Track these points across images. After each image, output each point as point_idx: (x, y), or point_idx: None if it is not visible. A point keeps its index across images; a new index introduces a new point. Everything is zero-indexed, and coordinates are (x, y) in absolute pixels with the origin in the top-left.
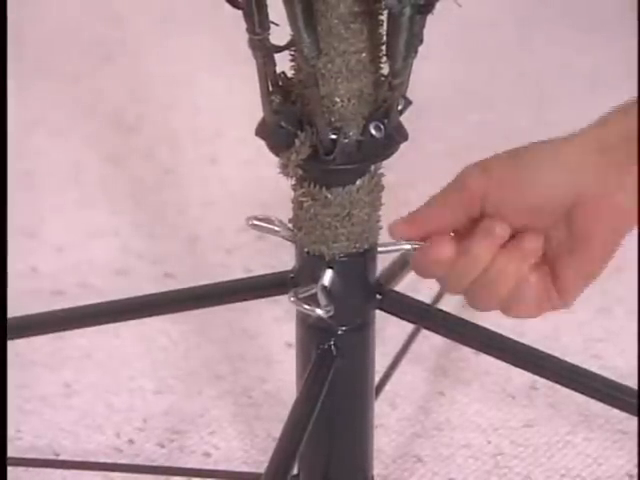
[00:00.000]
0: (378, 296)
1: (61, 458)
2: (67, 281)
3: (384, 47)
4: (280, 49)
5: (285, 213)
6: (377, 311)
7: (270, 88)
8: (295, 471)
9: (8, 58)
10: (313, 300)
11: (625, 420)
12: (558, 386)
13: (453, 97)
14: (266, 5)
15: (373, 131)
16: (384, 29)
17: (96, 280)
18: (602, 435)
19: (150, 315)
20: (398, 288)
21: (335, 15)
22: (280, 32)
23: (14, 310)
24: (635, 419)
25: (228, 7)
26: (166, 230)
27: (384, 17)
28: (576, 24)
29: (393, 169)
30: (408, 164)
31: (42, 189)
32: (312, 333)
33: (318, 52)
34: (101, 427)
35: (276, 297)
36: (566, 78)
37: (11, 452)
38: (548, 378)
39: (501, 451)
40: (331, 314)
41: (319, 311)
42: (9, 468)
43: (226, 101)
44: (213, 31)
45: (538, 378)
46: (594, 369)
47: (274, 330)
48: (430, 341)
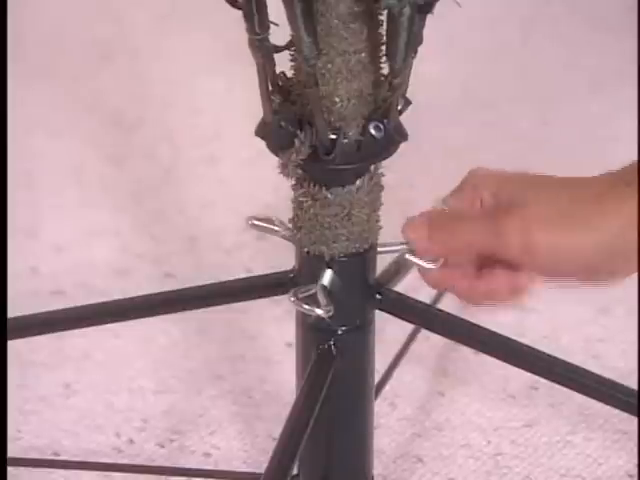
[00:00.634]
0: (378, 296)
1: (61, 458)
2: (67, 281)
3: (384, 47)
4: (280, 49)
5: (285, 213)
6: (377, 311)
7: (270, 88)
8: (295, 471)
9: (8, 58)
10: (313, 300)
11: (625, 420)
12: (558, 386)
13: (453, 97)
14: (266, 5)
15: (373, 131)
16: (384, 29)
17: (96, 280)
18: (602, 435)
19: (150, 315)
20: (398, 288)
21: (335, 15)
22: (280, 32)
23: (14, 310)
24: (635, 419)
25: (228, 7)
26: (166, 230)
27: (384, 17)
28: (578, 24)
29: (393, 169)
30: (408, 164)
31: (42, 189)
32: (312, 333)
33: (318, 52)
34: (101, 427)
35: (276, 297)
36: (568, 78)
37: (11, 452)
38: (548, 378)
39: (501, 451)
40: (331, 314)
41: (319, 311)
42: (9, 468)
43: (226, 101)
44: (213, 31)
45: (538, 378)
46: (594, 369)
47: (274, 330)
48: (430, 341)
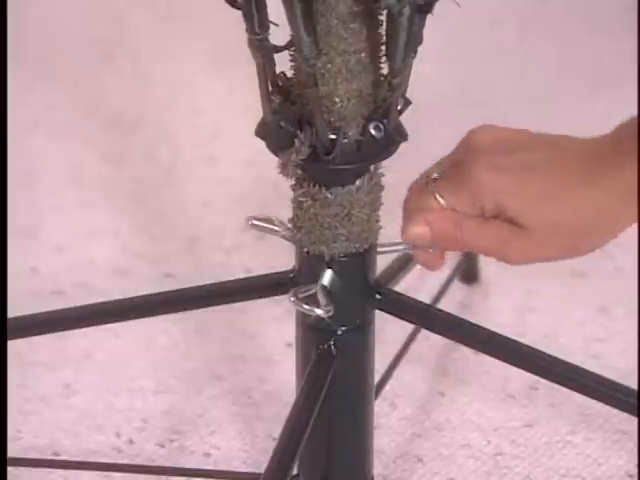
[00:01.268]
0: (378, 296)
1: (61, 458)
2: (67, 281)
3: (384, 47)
4: (280, 49)
5: (285, 213)
6: (377, 311)
7: (270, 88)
8: (295, 471)
9: (8, 58)
10: (313, 300)
11: (625, 420)
12: (558, 386)
13: (453, 97)
14: (266, 5)
15: (373, 131)
16: (383, 29)
17: (96, 280)
18: (602, 435)
19: (150, 315)
20: (398, 288)
21: (334, 15)
22: (280, 32)
23: (14, 310)
24: (635, 419)
25: (228, 7)
26: (166, 230)
27: (383, 17)
28: (576, 24)
29: (393, 169)
30: (408, 164)
31: (42, 189)
32: (312, 333)
33: (317, 52)
34: (101, 427)
35: (276, 297)
36: (566, 78)
37: (11, 452)
38: (548, 378)
39: (501, 451)
40: (331, 314)
41: (319, 311)
42: (9, 468)
43: (226, 101)
44: (213, 31)
45: (538, 378)
46: (594, 369)
47: (274, 330)
48: (430, 341)
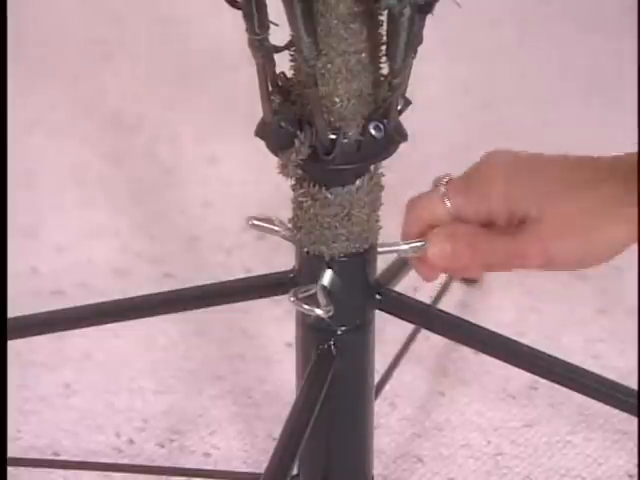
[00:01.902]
0: (378, 296)
1: (61, 458)
2: (67, 281)
3: (384, 47)
4: (280, 49)
5: (285, 213)
6: (377, 311)
7: (270, 88)
8: (295, 471)
9: (8, 58)
10: (313, 300)
11: (625, 420)
12: (558, 386)
13: (453, 97)
14: (266, 5)
15: (373, 131)
16: (384, 29)
17: (96, 280)
18: (602, 435)
19: (150, 315)
20: (398, 288)
21: (335, 15)
22: (280, 32)
23: (14, 310)
24: (635, 419)
25: (228, 8)
26: (166, 230)
27: (384, 17)
28: (576, 24)
29: (393, 169)
30: (408, 164)
31: (42, 189)
32: (312, 333)
33: (317, 52)
34: (101, 427)
35: (276, 297)
36: (566, 78)
37: (11, 452)
38: (548, 378)
39: (501, 451)
40: (331, 314)
41: (319, 311)
42: (9, 468)
43: (226, 101)
44: (213, 31)
45: (538, 378)
46: (594, 369)
47: (274, 330)
48: (430, 341)
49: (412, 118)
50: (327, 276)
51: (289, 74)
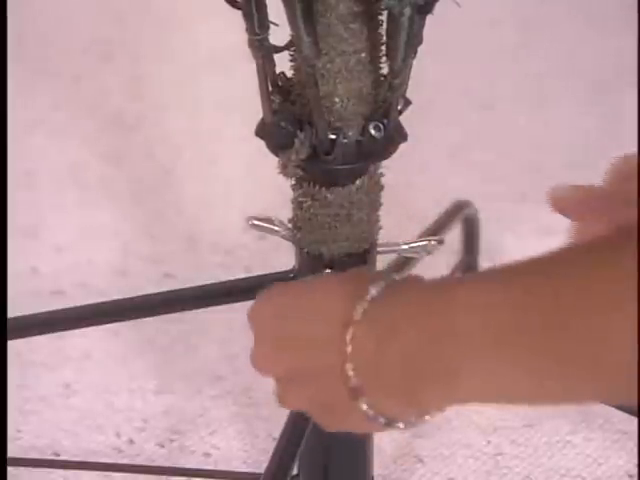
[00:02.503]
0: None
1: (61, 458)
2: (67, 281)
3: (384, 47)
4: (280, 49)
5: (285, 213)
6: None
7: (270, 88)
8: (295, 471)
9: (8, 58)
10: None
11: (625, 420)
12: None
13: (453, 97)
14: (266, 5)
15: (372, 131)
16: (384, 29)
17: (96, 280)
18: (602, 435)
19: (150, 315)
20: None
21: (335, 15)
22: (280, 32)
23: (14, 310)
24: (635, 419)
25: (228, 8)
26: (166, 230)
27: (384, 17)
28: (576, 24)
29: (393, 169)
30: (408, 164)
31: (42, 189)
32: None
33: (317, 52)
34: (101, 427)
35: None
36: (567, 78)
37: (11, 452)
38: None
39: (501, 451)
40: None
41: None
42: (9, 468)
43: (226, 101)
44: (213, 31)
45: None
46: None
47: None
48: None
49: (412, 118)
50: None
51: (289, 74)
